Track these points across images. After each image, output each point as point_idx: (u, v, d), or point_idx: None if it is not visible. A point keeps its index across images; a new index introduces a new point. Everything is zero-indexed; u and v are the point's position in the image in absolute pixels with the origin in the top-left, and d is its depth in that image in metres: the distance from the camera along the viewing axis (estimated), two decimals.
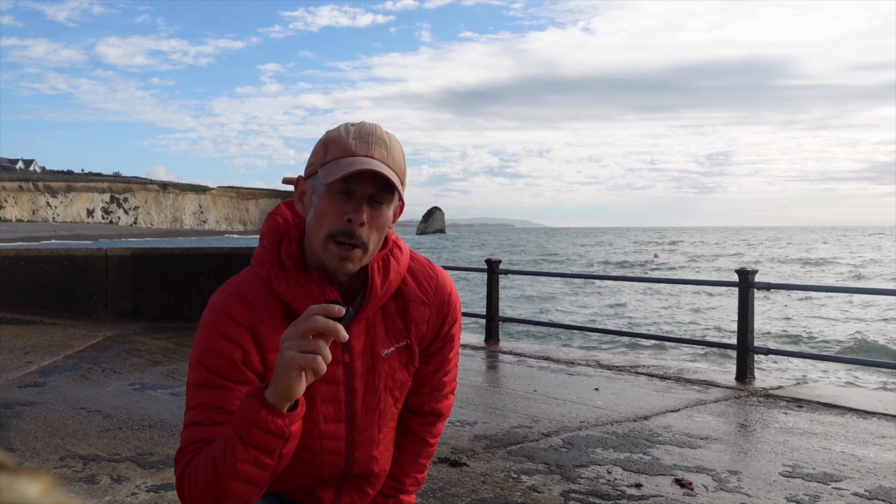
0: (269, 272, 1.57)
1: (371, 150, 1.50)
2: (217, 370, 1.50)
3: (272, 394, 1.37)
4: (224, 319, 1.53)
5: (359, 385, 1.62)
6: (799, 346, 16.65)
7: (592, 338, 15.32)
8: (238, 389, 1.49)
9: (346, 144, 1.50)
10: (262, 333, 1.53)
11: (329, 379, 1.58)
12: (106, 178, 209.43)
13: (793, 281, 36.29)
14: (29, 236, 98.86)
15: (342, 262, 1.51)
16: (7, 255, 8.77)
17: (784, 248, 76.41)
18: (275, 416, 1.37)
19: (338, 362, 1.59)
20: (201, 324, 1.56)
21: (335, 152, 1.50)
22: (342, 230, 1.49)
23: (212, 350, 1.51)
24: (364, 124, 1.54)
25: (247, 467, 1.39)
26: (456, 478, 3.62)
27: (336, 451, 1.62)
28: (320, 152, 1.53)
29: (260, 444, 1.38)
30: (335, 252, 1.51)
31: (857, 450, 4.14)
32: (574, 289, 30.25)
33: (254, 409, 1.36)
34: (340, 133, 1.52)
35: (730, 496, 3.42)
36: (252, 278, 1.59)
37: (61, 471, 3.62)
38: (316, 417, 1.58)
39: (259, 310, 1.55)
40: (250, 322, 1.53)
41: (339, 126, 1.55)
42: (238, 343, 1.51)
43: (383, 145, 1.52)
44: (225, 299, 1.56)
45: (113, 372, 5.95)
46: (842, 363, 12.25)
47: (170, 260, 8.98)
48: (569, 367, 6.43)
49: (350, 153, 1.49)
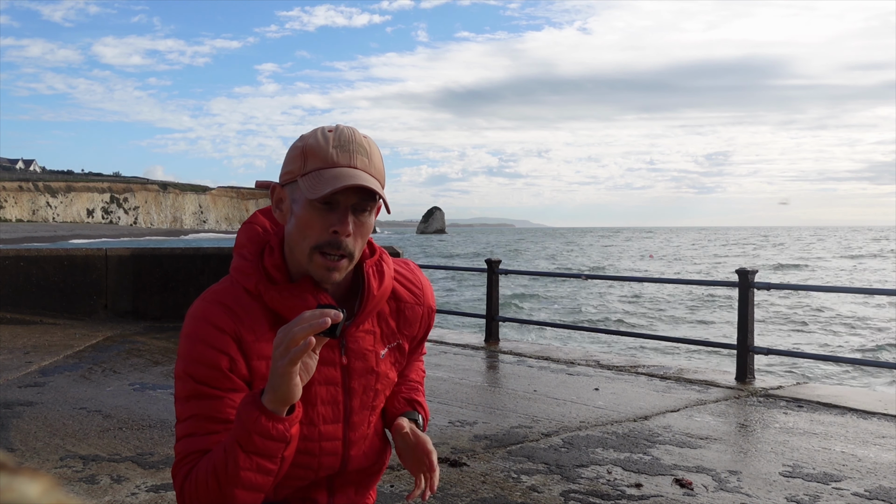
0: (258, 286, 1.54)
1: (353, 159, 1.47)
2: (205, 380, 1.49)
3: (270, 399, 1.36)
4: (208, 328, 1.51)
5: (356, 385, 1.63)
6: (799, 346, 16.66)
7: (602, 338, 15.29)
8: (228, 397, 1.48)
9: (326, 154, 1.46)
10: (247, 341, 1.52)
11: (328, 381, 1.59)
12: (106, 178, 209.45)
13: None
14: (29, 236, 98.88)
15: (328, 272, 1.50)
16: (7, 255, 8.76)
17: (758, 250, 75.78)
18: (275, 422, 1.37)
19: (336, 364, 1.59)
20: (183, 333, 1.54)
21: (315, 162, 1.46)
22: (328, 241, 1.48)
23: (198, 360, 1.49)
24: (342, 131, 1.49)
25: (250, 475, 1.39)
26: (456, 478, 3.62)
27: (334, 452, 1.62)
28: (298, 161, 1.49)
29: (262, 450, 1.38)
30: (321, 263, 1.49)
31: (857, 450, 4.14)
32: (576, 290, 30.25)
33: (253, 417, 1.36)
34: (319, 141, 1.48)
35: (730, 496, 3.42)
36: (232, 287, 1.57)
37: (61, 471, 3.62)
38: (316, 420, 1.58)
39: (242, 317, 1.53)
40: (234, 329, 1.51)
41: (315, 132, 1.51)
42: (224, 351, 1.50)
43: (364, 153, 1.49)
44: (206, 307, 1.53)
45: (113, 372, 5.95)
46: (842, 363, 12.25)
47: (170, 260, 8.98)
48: (569, 367, 6.43)
49: (332, 164, 1.46)
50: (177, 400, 1.53)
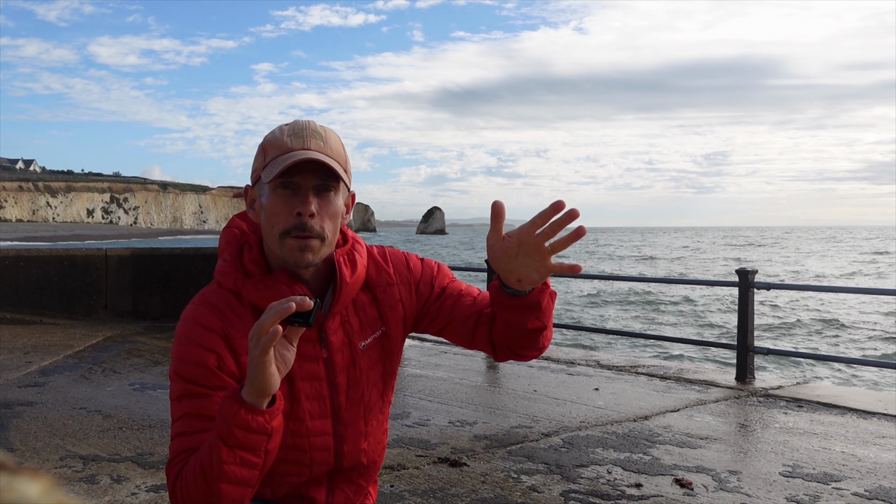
0: (236, 282, 1.59)
1: (307, 142, 1.52)
2: (195, 379, 1.52)
3: (248, 392, 1.39)
4: (196, 328, 1.56)
5: (341, 379, 1.64)
6: (799, 345, 16.66)
7: (602, 338, 15.27)
8: (217, 395, 1.51)
9: (281, 143, 1.53)
10: (234, 337, 1.55)
11: (311, 376, 1.61)
12: (106, 178, 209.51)
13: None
14: (29, 236, 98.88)
15: (301, 252, 1.53)
16: (7, 255, 8.77)
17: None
18: (255, 414, 1.39)
19: (317, 358, 1.61)
20: (175, 336, 1.59)
21: (273, 152, 1.53)
22: (294, 224, 1.51)
23: (187, 360, 1.54)
24: (297, 122, 1.57)
25: (234, 469, 1.41)
26: (456, 478, 3.62)
27: (325, 447, 1.63)
28: (260, 157, 1.57)
29: (244, 443, 1.40)
30: (293, 245, 1.52)
31: (857, 450, 4.14)
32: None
33: (233, 410, 1.38)
34: (276, 134, 1.55)
35: (730, 496, 3.42)
36: (218, 289, 1.62)
37: (61, 471, 3.62)
38: (302, 416, 1.60)
39: (229, 315, 1.57)
40: (222, 327, 1.56)
41: (274, 129, 1.58)
42: (211, 349, 1.54)
43: (318, 137, 1.54)
44: (195, 309, 1.59)
45: (113, 372, 5.95)
46: (842, 363, 12.25)
47: (170, 260, 8.98)
48: (569, 367, 6.43)
49: (287, 149, 1.52)
50: (171, 401, 1.57)
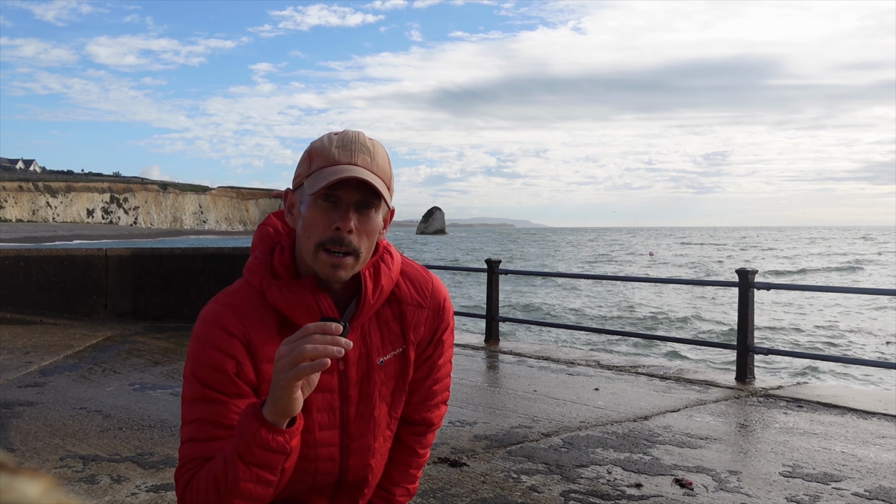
0: (262, 281, 1.56)
1: (354, 157, 1.50)
2: (211, 384, 1.49)
3: (270, 412, 1.36)
4: (217, 330, 1.52)
5: (353, 392, 1.61)
6: (798, 345, 16.65)
7: (602, 338, 15.27)
8: (233, 403, 1.48)
9: (329, 154, 1.50)
10: (256, 343, 1.52)
11: (324, 388, 1.58)
12: (106, 178, 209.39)
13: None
14: (29, 236, 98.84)
15: (334, 270, 1.50)
16: (7, 255, 8.76)
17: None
18: (275, 434, 1.37)
19: (333, 371, 1.58)
20: (194, 335, 1.55)
21: (319, 162, 1.51)
22: (331, 238, 1.49)
23: (205, 363, 1.50)
24: (347, 132, 1.54)
25: (250, 486, 1.39)
26: (456, 478, 3.62)
27: (330, 458, 1.61)
28: (305, 163, 1.54)
29: (262, 462, 1.38)
30: (326, 260, 1.50)
31: (857, 450, 4.14)
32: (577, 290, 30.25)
33: (253, 429, 1.36)
34: (324, 143, 1.52)
35: (730, 496, 3.42)
36: (244, 288, 1.59)
37: (61, 471, 3.62)
38: (311, 426, 1.57)
39: (253, 319, 1.54)
40: (243, 332, 1.52)
41: (322, 136, 1.55)
42: (231, 354, 1.50)
43: (366, 152, 1.51)
44: (217, 310, 1.55)
45: (113, 372, 5.95)
46: (842, 363, 12.25)
47: (170, 260, 8.98)
48: (569, 367, 6.43)
49: (333, 162, 1.49)
50: (183, 401, 1.54)
